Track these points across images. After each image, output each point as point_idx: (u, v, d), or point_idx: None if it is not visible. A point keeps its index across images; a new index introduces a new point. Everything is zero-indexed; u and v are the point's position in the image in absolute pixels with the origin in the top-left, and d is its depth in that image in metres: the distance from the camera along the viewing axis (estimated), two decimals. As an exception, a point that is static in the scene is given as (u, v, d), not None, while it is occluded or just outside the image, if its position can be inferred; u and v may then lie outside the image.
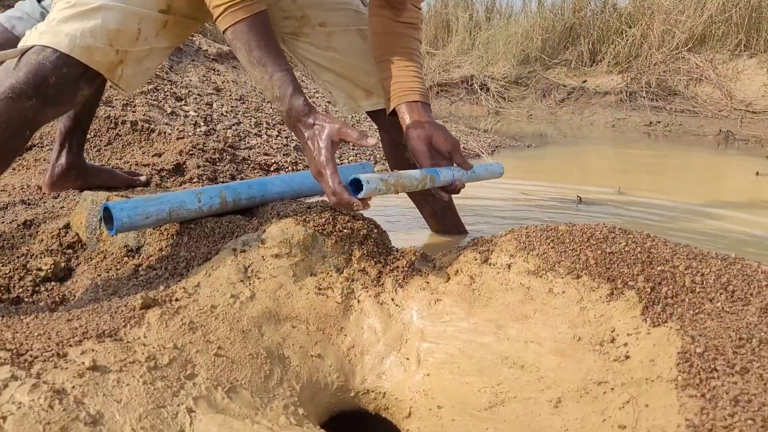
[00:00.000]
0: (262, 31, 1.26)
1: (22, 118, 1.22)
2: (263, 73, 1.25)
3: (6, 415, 0.84)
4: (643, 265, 1.08)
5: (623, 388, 0.90)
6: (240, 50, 1.27)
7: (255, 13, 1.26)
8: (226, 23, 1.26)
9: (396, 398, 1.17)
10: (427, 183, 1.31)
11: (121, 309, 1.12)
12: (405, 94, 1.56)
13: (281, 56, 1.28)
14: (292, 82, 1.26)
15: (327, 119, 1.25)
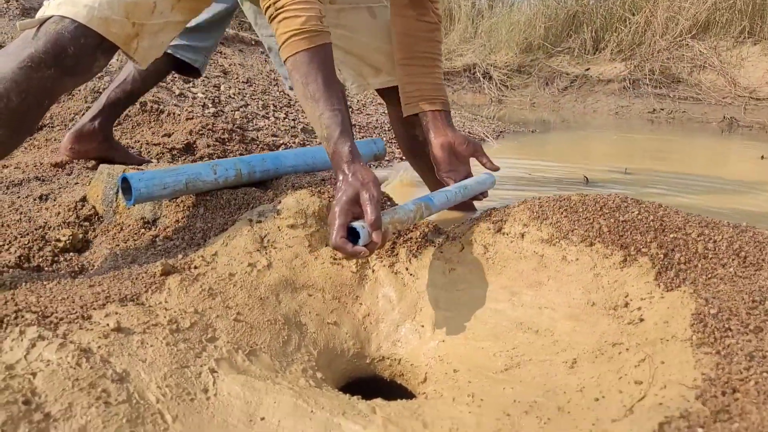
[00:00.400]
0: (322, 65, 1.21)
1: (40, 87, 1.22)
2: (314, 109, 1.20)
3: (35, 371, 0.86)
4: (656, 233, 1.10)
5: (638, 348, 0.92)
6: (296, 82, 1.23)
7: (318, 45, 1.21)
8: (287, 53, 1.22)
9: (411, 364, 1.19)
10: (423, 212, 1.25)
11: (141, 275, 1.14)
12: (427, 102, 1.57)
13: (336, 95, 1.22)
14: (340, 124, 1.20)
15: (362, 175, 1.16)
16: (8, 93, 1.19)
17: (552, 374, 0.97)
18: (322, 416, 0.90)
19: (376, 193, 1.13)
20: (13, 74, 1.19)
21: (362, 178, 1.15)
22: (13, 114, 1.19)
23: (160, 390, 0.90)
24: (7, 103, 1.19)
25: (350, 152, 1.18)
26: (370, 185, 1.13)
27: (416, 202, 1.24)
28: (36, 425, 0.78)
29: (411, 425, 0.88)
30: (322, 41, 1.22)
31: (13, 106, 1.19)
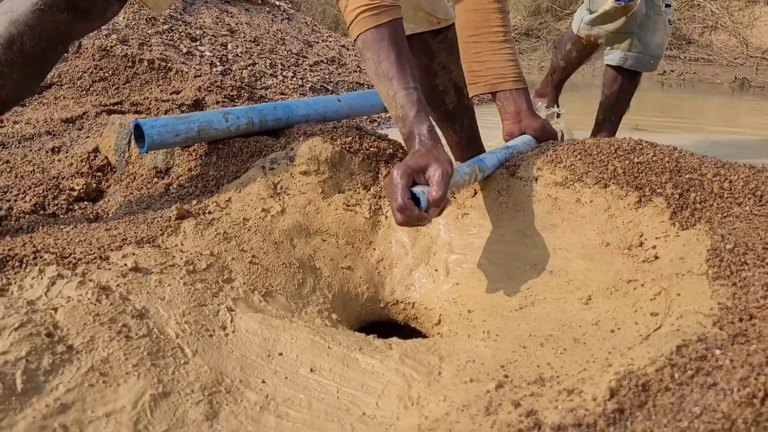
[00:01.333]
0: (393, 42, 1.14)
1: (54, 30, 1.19)
2: (388, 88, 1.14)
3: (56, 306, 0.87)
4: (671, 173, 1.09)
5: (653, 283, 0.92)
6: (368, 61, 1.16)
7: (388, 21, 1.15)
8: (357, 31, 1.16)
9: (425, 307, 1.20)
10: (477, 174, 1.18)
11: (157, 220, 1.14)
12: (498, 81, 1.44)
13: (410, 72, 1.15)
14: (416, 102, 1.12)
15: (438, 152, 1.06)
16: (22, 36, 1.17)
17: (567, 310, 0.97)
18: (339, 351, 0.92)
19: (450, 170, 1.03)
20: (26, 17, 1.17)
21: (438, 154, 1.05)
22: (27, 58, 1.18)
23: (179, 326, 0.91)
24: (21, 46, 1.17)
25: (429, 132, 1.10)
26: (445, 162, 1.03)
27: (470, 165, 1.18)
28: (59, 356, 0.80)
29: (427, 359, 0.89)
30: (392, 16, 1.16)
31: (27, 49, 1.18)
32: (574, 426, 0.59)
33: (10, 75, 1.17)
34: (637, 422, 0.59)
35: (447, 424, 0.70)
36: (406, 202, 0.99)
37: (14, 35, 1.16)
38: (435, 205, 1.01)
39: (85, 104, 2.18)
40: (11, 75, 1.17)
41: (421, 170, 1.03)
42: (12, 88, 1.19)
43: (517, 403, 0.67)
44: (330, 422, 0.80)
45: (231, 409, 0.81)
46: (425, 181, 1.03)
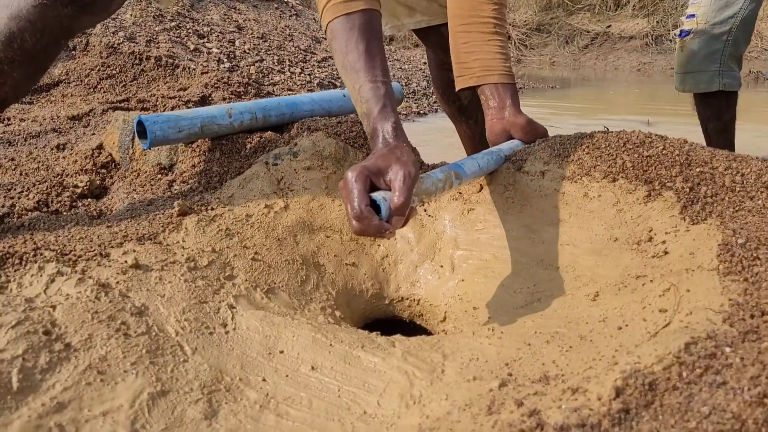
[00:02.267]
0: (363, 32, 1.05)
1: (56, 26, 1.16)
2: (354, 81, 1.04)
3: (55, 304, 0.86)
4: (681, 167, 1.07)
5: (662, 279, 0.90)
6: (335, 52, 1.08)
7: (360, 10, 1.07)
8: (326, 19, 1.08)
9: (431, 304, 1.18)
10: (453, 181, 1.06)
11: (158, 216, 1.13)
12: (485, 74, 1.35)
13: (379, 65, 1.05)
14: (382, 97, 1.02)
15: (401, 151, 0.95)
16: (22, 33, 1.13)
17: (574, 307, 0.95)
18: (341, 349, 0.90)
19: (414, 172, 0.91)
20: (27, 13, 1.13)
21: (400, 154, 0.94)
22: (28, 54, 1.15)
23: (179, 323, 0.90)
24: (22, 43, 1.14)
25: (393, 130, 1.00)
26: (408, 163, 0.91)
27: (445, 171, 1.06)
28: (56, 354, 0.79)
29: (430, 356, 0.87)
30: (366, 6, 1.07)
31: (28, 46, 1.14)
32: (577, 426, 0.57)
33: (11, 73, 1.15)
34: (643, 422, 0.57)
35: (448, 423, 0.68)
36: (363, 210, 0.86)
37: (14, 32, 1.13)
38: (398, 214, 0.88)
39: (92, 102, 2.18)
40: (11, 73, 1.15)
41: (380, 173, 0.91)
42: (12, 86, 1.17)
43: (520, 403, 0.65)
44: (330, 421, 0.79)
45: (230, 408, 0.80)
46: (386, 185, 0.91)
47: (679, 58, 2.10)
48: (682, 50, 2.06)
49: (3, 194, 1.30)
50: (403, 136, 1.02)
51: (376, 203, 0.87)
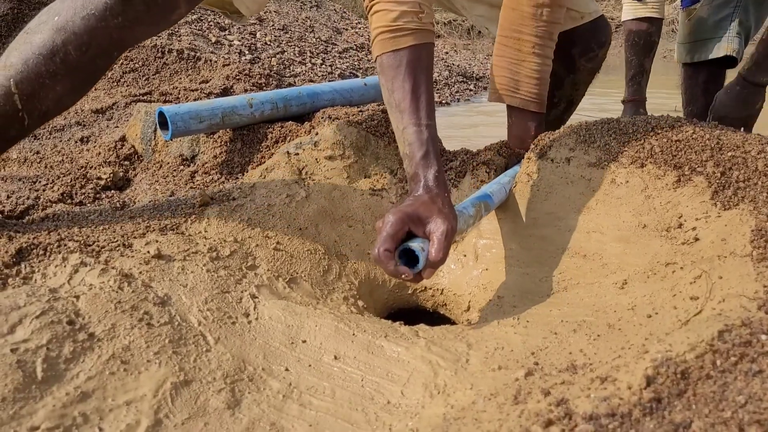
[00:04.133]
0: (411, 70, 1.02)
1: (106, 37, 1.04)
2: (398, 121, 1.03)
3: (78, 294, 0.86)
4: (712, 151, 1.04)
5: (693, 266, 0.87)
6: (382, 87, 1.06)
7: (408, 46, 1.03)
8: (375, 52, 1.06)
9: (454, 294, 1.16)
10: (483, 213, 1.07)
11: (181, 207, 1.13)
12: (509, 94, 1.32)
13: (425, 106, 1.03)
14: (425, 143, 1.00)
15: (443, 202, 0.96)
16: (66, 46, 1.03)
17: (601, 295, 0.93)
18: (364, 338, 0.89)
19: (454, 227, 0.93)
20: (73, 25, 1.03)
21: (441, 204, 0.95)
22: (71, 68, 1.05)
23: (201, 313, 0.90)
24: (65, 56, 1.03)
25: (435, 178, 0.98)
26: (450, 217, 0.93)
27: (476, 204, 1.05)
28: (80, 344, 0.79)
29: (455, 346, 0.86)
30: (416, 41, 1.03)
31: (72, 59, 1.04)
32: (607, 416, 0.55)
33: (53, 86, 1.05)
34: (675, 412, 0.55)
35: (473, 413, 0.67)
36: (381, 254, 0.88)
37: (57, 45, 1.03)
38: (433, 267, 0.90)
39: (115, 95, 2.19)
40: (54, 86, 1.05)
41: (420, 222, 0.93)
42: (54, 99, 1.07)
43: (547, 392, 0.64)
44: (354, 411, 0.78)
45: (253, 398, 0.79)
46: (423, 234, 0.93)
47: (685, 27, 2.05)
48: (690, 19, 2.03)
49: (28, 187, 1.31)
50: (444, 185, 1.00)
51: (415, 253, 0.88)
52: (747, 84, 1.82)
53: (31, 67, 1.03)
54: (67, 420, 0.70)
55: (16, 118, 1.04)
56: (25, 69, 1.03)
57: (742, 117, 1.84)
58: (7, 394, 0.69)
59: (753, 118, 1.89)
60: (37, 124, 1.09)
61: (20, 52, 1.04)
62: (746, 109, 1.84)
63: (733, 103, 1.84)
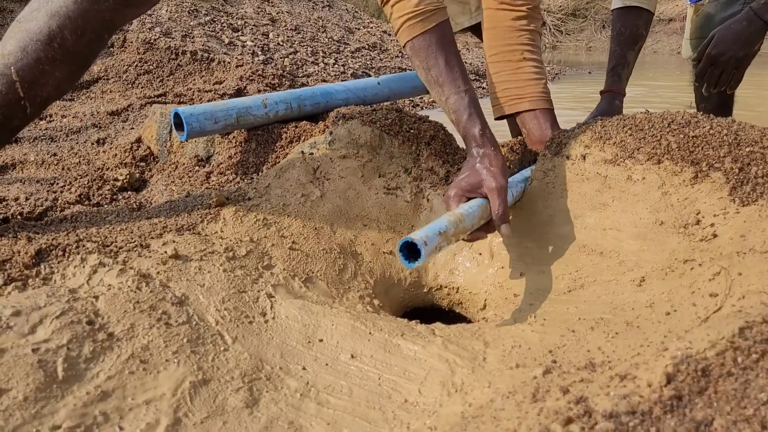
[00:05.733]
0: (441, 47, 1.13)
1: (99, 20, 1.08)
2: (440, 94, 1.14)
3: (98, 294, 0.87)
4: (730, 147, 1.03)
5: (712, 263, 0.86)
6: (418, 68, 1.16)
7: (433, 26, 1.12)
8: (404, 39, 1.15)
9: (470, 292, 1.16)
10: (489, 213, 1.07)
11: (197, 207, 1.14)
12: (515, 102, 1.38)
13: (460, 75, 1.14)
14: (468, 106, 1.12)
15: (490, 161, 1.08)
16: (62, 31, 1.06)
17: (618, 293, 0.92)
18: (380, 337, 0.89)
19: (504, 182, 1.06)
20: (66, 9, 1.06)
21: (489, 164, 1.07)
22: (69, 52, 1.08)
23: (219, 313, 0.90)
24: (62, 42, 1.06)
25: (481, 134, 1.11)
26: (497, 173, 1.06)
27: (481, 203, 1.07)
28: (100, 344, 0.79)
29: (471, 344, 0.86)
30: (437, 20, 1.13)
31: (69, 44, 1.07)
32: (627, 413, 0.55)
33: (52, 72, 1.09)
34: (696, 409, 0.54)
35: (492, 411, 0.66)
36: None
37: (54, 30, 1.06)
38: (502, 221, 1.03)
39: (130, 97, 2.21)
40: (53, 72, 1.09)
41: (473, 188, 1.07)
42: (54, 85, 1.11)
43: (565, 390, 0.64)
44: (371, 409, 0.78)
45: (271, 397, 0.79)
46: (482, 195, 1.06)
47: (693, 23, 2.03)
48: (697, 15, 2.00)
49: (46, 188, 1.32)
50: (491, 140, 1.11)
51: (417, 247, 0.89)
52: (756, 20, 1.73)
53: (30, 53, 1.06)
54: (88, 419, 0.70)
55: (19, 106, 1.06)
56: (24, 56, 1.05)
57: (739, 57, 1.75)
58: (29, 394, 0.70)
59: (748, 60, 1.80)
60: (38, 112, 1.12)
61: (17, 40, 1.06)
62: (745, 48, 1.75)
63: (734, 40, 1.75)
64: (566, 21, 9.52)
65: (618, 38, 1.95)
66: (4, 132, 1.10)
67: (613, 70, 1.95)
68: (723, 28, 1.75)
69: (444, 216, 0.99)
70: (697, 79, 1.79)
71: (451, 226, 0.96)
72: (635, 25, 1.94)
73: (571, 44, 8.88)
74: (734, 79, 1.77)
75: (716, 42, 1.74)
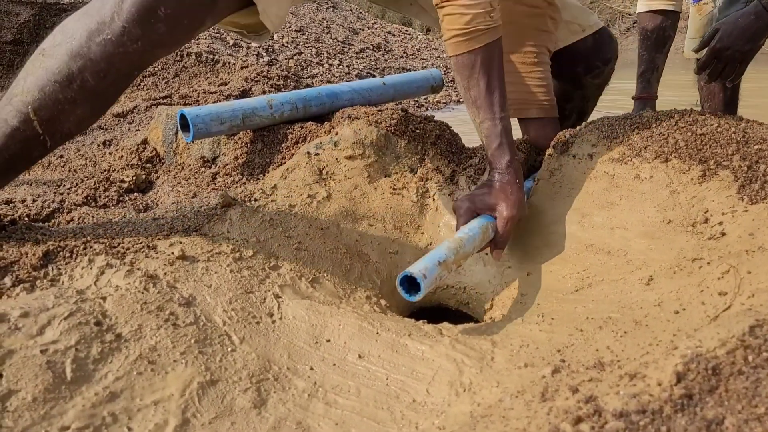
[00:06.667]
0: (485, 69, 1.10)
1: (125, 62, 0.98)
2: (475, 115, 1.13)
3: (105, 296, 0.87)
4: (738, 145, 1.03)
5: (720, 261, 0.86)
6: (459, 84, 1.15)
7: (481, 45, 1.09)
8: (450, 52, 1.13)
9: (477, 292, 1.16)
10: (489, 234, 1.07)
11: (203, 208, 1.14)
12: (523, 107, 1.38)
13: (497, 101, 1.11)
14: (500, 135, 1.11)
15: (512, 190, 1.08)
16: (82, 73, 0.97)
17: (627, 292, 0.92)
18: (388, 337, 0.89)
19: (517, 214, 1.07)
20: (88, 51, 0.97)
21: (509, 192, 1.08)
22: (90, 94, 1.00)
23: (226, 313, 0.90)
24: (83, 84, 0.98)
25: (508, 165, 1.10)
26: (513, 204, 1.07)
27: (482, 224, 1.07)
28: (108, 345, 0.79)
29: (479, 344, 0.86)
30: (487, 40, 1.09)
31: (90, 87, 0.98)
32: (637, 412, 0.55)
33: (72, 111, 1.00)
34: (707, 408, 0.54)
35: (500, 410, 0.66)
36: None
37: (74, 72, 0.97)
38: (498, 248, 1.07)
39: (135, 99, 2.22)
40: (73, 110, 1.01)
41: (486, 209, 1.08)
42: (75, 122, 1.02)
43: (575, 389, 0.63)
44: (379, 409, 0.78)
45: (279, 397, 0.79)
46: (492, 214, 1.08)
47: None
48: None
49: (53, 190, 1.33)
50: (516, 172, 1.11)
51: (416, 281, 0.89)
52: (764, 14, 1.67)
53: (48, 94, 0.98)
54: (96, 420, 0.71)
55: (38, 141, 1.00)
56: (41, 96, 0.98)
57: (744, 51, 1.69)
58: (37, 395, 0.70)
59: (753, 54, 1.75)
60: (60, 143, 1.06)
61: (36, 77, 0.99)
62: (751, 42, 1.69)
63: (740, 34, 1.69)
64: (571, 20, 9.45)
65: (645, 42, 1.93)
66: (24, 162, 1.05)
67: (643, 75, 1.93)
68: (729, 22, 1.71)
69: (444, 243, 0.99)
70: (698, 70, 1.76)
71: (451, 253, 0.96)
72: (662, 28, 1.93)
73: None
74: (737, 72, 1.74)
75: (722, 35, 1.69)
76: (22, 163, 1.04)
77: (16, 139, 0.99)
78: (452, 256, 0.96)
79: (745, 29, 1.67)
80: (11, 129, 0.98)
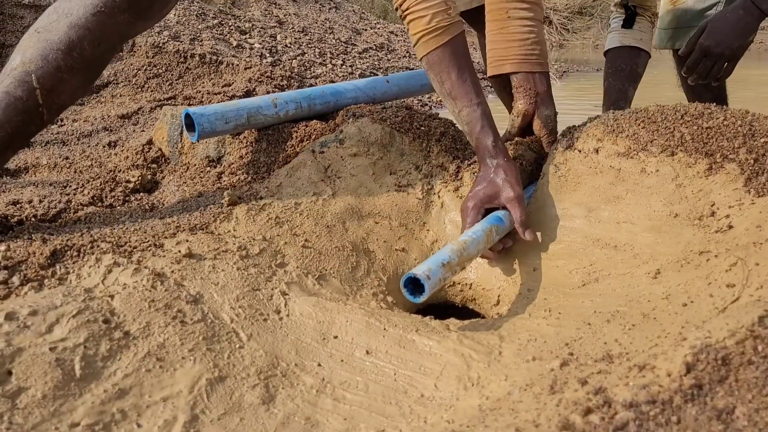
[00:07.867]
0: (453, 61, 1.17)
1: (115, 32, 1.14)
2: (453, 106, 1.19)
3: (113, 294, 0.87)
4: (744, 138, 1.02)
5: (728, 254, 0.86)
6: (433, 81, 1.21)
7: (446, 41, 1.16)
8: (420, 53, 1.19)
9: (483, 288, 1.16)
10: (494, 237, 1.07)
11: (209, 207, 1.14)
12: (498, 64, 1.36)
13: (473, 88, 1.18)
14: (480, 118, 1.16)
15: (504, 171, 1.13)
16: (82, 42, 1.11)
17: (634, 285, 0.92)
18: (395, 333, 0.89)
19: (520, 190, 1.11)
20: (86, 21, 1.11)
21: (504, 174, 1.12)
22: (86, 62, 1.13)
23: (233, 311, 0.91)
24: (81, 51, 1.12)
25: (493, 146, 1.15)
26: (513, 183, 1.11)
27: (486, 227, 1.07)
28: (116, 342, 0.80)
29: (487, 338, 0.86)
30: (451, 34, 1.17)
31: (87, 54, 1.12)
32: (647, 403, 0.55)
33: (70, 80, 1.13)
34: (717, 398, 0.54)
35: (509, 403, 0.66)
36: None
37: (74, 41, 1.11)
38: (525, 226, 1.09)
39: (140, 100, 2.22)
40: (71, 80, 1.13)
41: (491, 199, 1.12)
42: (70, 93, 1.15)
43: (584, 381, 0.63)
44: (388, 405, 0.78)
45: (287, 393, 0.80)
46: (500, 206, 1.12)
47: (669, 14, 1.95)
48: (675, 5, 1.93)
49: (59, 191, 1.33)
50: (503, 151, 1.16)
51: (420, 282, 0.89)
52: (752, 9, 1.62)
53: (51, 62, 1.10)
54: (106, 416, 0.71)
55: (37, 113, 1.11)
56: (45, 64, 1.10)
57: (733, 48, 1.63)
58: (47, 392, 0.71)
59: (742, 51, 1.68)
60: (53, 118, 1.16)
61: (38, 49, 1.11)
62: (740, 38, 1.63)
63: (729, 31, 1.63)
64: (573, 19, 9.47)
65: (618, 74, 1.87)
66: (21, 138, 1.13)
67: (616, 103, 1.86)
68: (717, 18, 1.65)
69: (447, 245, 0.99)
70: (686, 71, 1.71)
71: (455, 255, 0.96)
72: (635, 63, 1.87)
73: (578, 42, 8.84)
74: (726, 70, 1.69)
75: (709, 32, 1.64)
76: (19, 138, 1.13)
77: (19, 110, 1.09)
78: (456, 258, 0.96)
79: (735, 25, 1.62)
80: (14, 99, 1.09)
